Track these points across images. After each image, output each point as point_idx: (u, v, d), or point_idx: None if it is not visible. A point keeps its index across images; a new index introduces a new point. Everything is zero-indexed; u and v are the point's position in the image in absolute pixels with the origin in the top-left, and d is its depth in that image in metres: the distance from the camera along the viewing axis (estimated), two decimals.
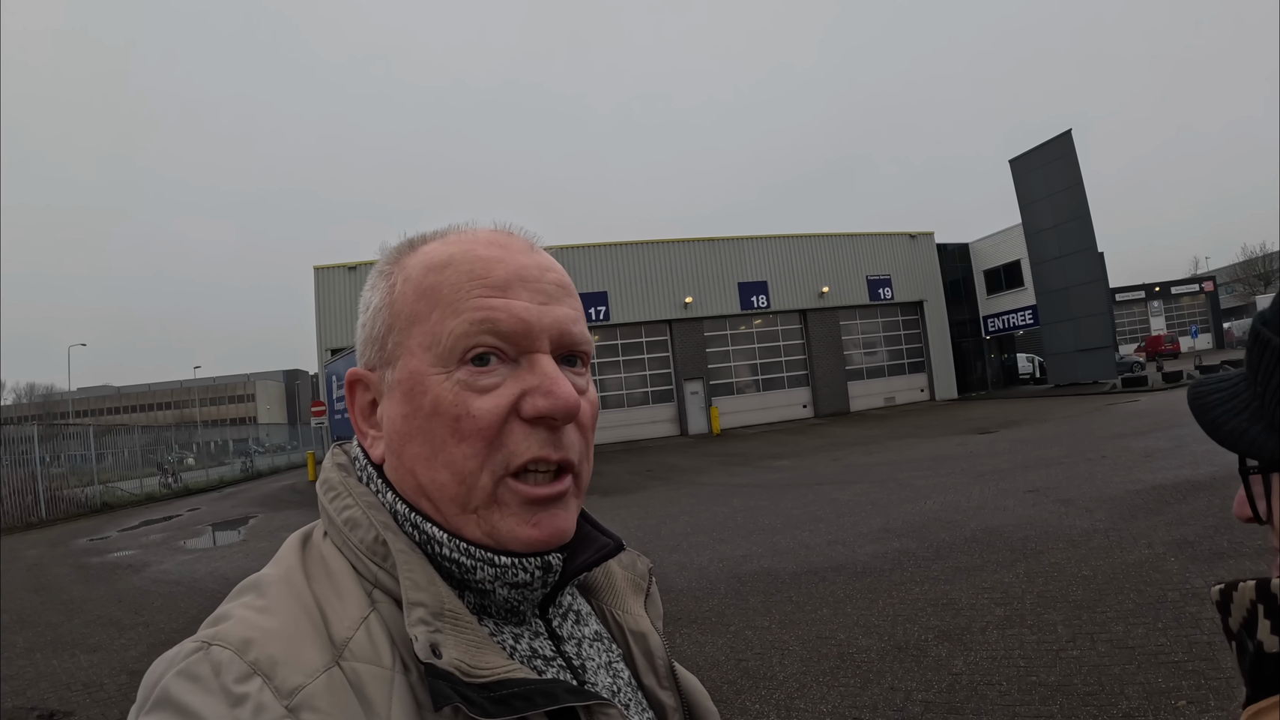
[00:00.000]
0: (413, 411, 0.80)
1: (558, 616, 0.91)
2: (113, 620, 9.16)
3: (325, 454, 0.95)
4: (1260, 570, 5.59)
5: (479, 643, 0.73)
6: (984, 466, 14.67)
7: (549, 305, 0.82)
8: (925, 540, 9.10)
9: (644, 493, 16.76)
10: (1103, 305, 35.63)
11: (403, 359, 0.81)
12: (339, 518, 0.82)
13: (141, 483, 31.12)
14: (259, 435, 63.36)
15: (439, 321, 0.79)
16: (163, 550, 15.08)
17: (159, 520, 21.39)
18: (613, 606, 1.01)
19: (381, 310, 0.85)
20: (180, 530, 18.58)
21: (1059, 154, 35.27)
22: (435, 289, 0.81)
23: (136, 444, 32.93)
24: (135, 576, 12.12)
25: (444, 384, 0.78)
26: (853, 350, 40.25)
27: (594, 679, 0.87)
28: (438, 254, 0.84)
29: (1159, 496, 9.84)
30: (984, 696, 4.81)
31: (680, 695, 0.99)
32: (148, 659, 6.94)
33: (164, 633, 8.36)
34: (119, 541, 17.37)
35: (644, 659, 0.98)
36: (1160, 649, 5.17)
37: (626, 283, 35.53)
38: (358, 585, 0.77)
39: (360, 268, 32.98)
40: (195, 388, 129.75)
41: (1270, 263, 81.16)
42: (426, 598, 0.73)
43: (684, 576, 8.67)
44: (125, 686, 6.64)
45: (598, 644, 0.93)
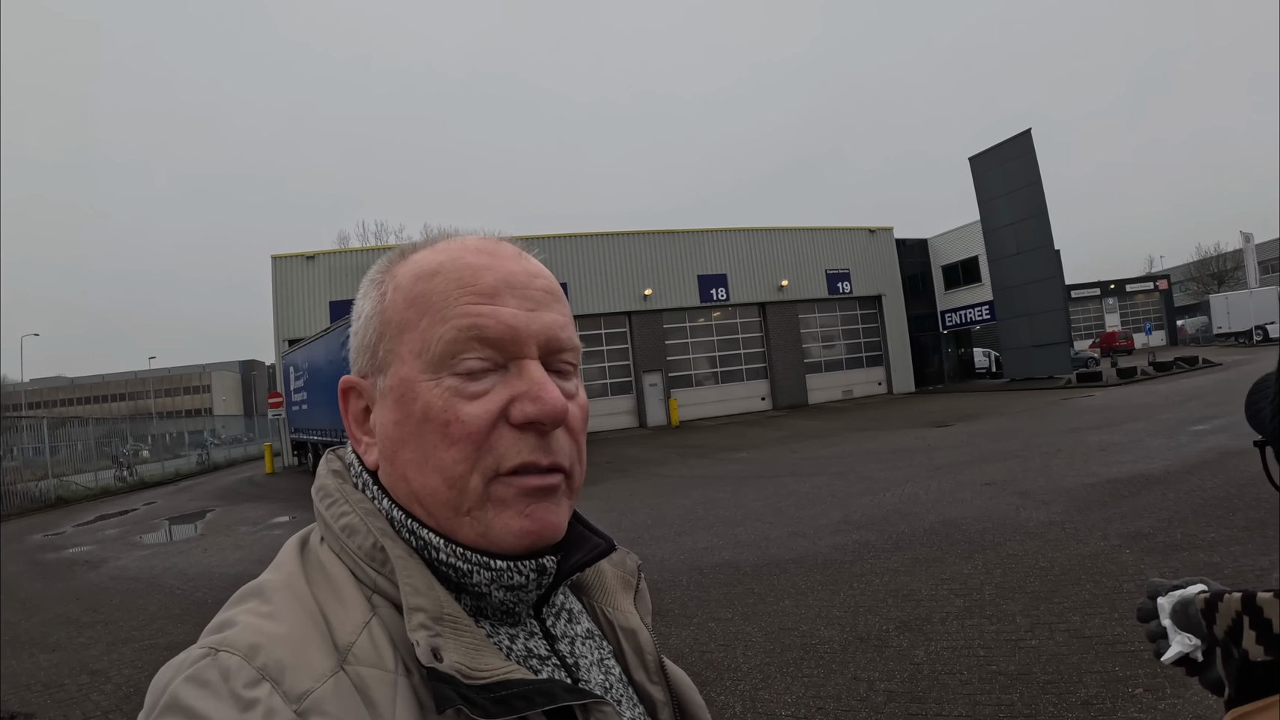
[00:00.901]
0: (404, 418, 0.80)
1: (551, 616, 0.92)
2: (71, 618, 8.99)
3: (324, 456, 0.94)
4: (1213, 562, 5.72)
5: (478, 645, 0.74)
6: (942, 459, 14.82)
7: (537, 311, 0.83)
8: (885, 532, 9.17)
9: (604, 485, 16.75)
10: (1059, 301, 36.05)
11: (394, 366, 0.82)
12: (336, 524, 0.82)
13: (96, 476, 30.40)
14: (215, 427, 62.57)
15: (428, 328, 0.80)
16: (120, 546, 14.82)
17: (115, 515, 21.02)
18: (603, 604, 1.02)
19: (373, 318, 0.86)
20: (137, 525, 18.27)
21: (1018, 153, 35.61)
22: (424, 297, 0.82)
23: (91, 436, 32.28)
24: (93, 573, 11.94)
25: (433, 390, 0.79)
26: (811, 343, 40.46)
27: (587, 676, 0.88)
28: (426, 262, 0.85)
29: (1114, 490, 9.99)
30: (945, 686, 4.85)
31: (670, 689, 1.00)
32: (108, 657, 6.85)
33: (124, 630, 8.23)
34: (75, 537, 17.08)
35: (634, 655, 0.99)
36: (1117, 638, 5.25)
37: (586, 274, 35.41)
38: (358, 590, 0.77)
39: (319, 257, 32.66)
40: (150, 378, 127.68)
41: (1224, 262, 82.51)
42: (426, 602, 0.74)
43: (646, 569, 8.58)
44: (86, 686, 6.51)
45: (590, 641, 0.94)
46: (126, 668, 6.89)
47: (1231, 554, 6.74)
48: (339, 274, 32.32)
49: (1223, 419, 15.58)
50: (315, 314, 31.48)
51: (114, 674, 6.76)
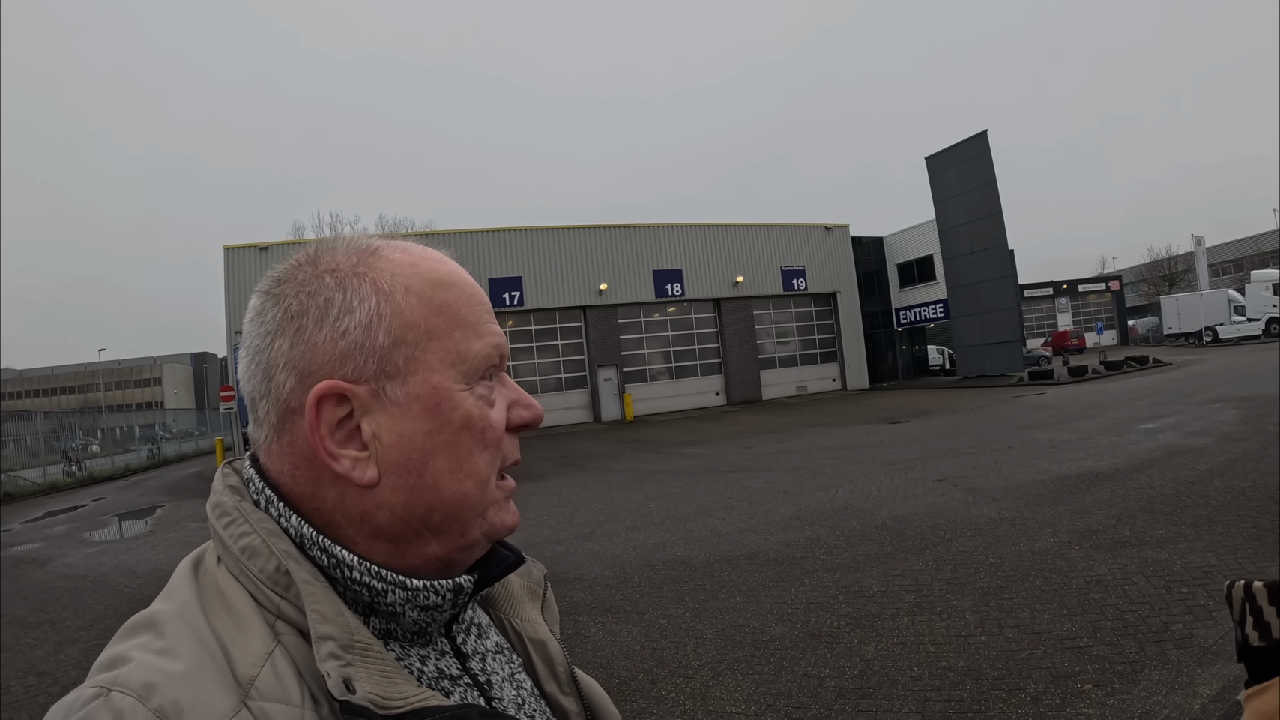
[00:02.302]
0: (439, 426, 0.79)
1: (461, 632, 0.90)
2: (17, 618, 8.78)
3: (219, 471, 0.87)
4: (1161, 559, 5.77)
5: (390, 673, 0.71)
6: (894, 455, 14.90)
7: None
8: (836, 528, 9.18)
9: (556, 479, 16.69)
10: (1011, 300, 36.47)
11: (421, 374, 0.79)
12: (235, 545, 0.76)
13: (45, 471, 29.80)
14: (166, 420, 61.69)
15: (463, 340, 0.81)
16: (68, 543, 14.57)
17: (63, 511, 20.73)
18: (511, 616, 1.01)
19: (384, 318, 0.78)
20: (86, 521, 18.00)
21: (974, 153, 35.97)
22: (450, 307, 0.81)
23: (39, 430, 31.67)
24: (40, 571, 11.70)
25: (469, 399, 0.81)
26: (766, 339, 40.55)
27: (500, 693, 0.87)
28: (435, 270, 0.83)
29: (1063, 486, 10.08)
30: (895, 682, 4.85)
31: (582, 700, 1.00)
32: (55, 659, 6.71)
33: (70, 631, 8.05)
34: (22, 534, 16.76)
35: (545, 667, 0.98)
36: (1066, 634, 5.28)
37: (541, 268, 35.22)
38: (259, 617, 0.73)
39: (272, 248, 32.19)
40: (100, 371, 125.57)
41: (1174, 264, 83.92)
42: (335, 630, 0.70)
43: (597, 565, 8.63)
44: (33, 688, 6.36)
45: (500, 656, 0.93)
46: (74, 669, 6.73)
47: (1179, 550, 6.81)
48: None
49: (1172, 418, 15.84)
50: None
51: (61, 675, 6.61)
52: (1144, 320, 73.89)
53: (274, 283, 0.82)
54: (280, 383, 0.78)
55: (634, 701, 5.02)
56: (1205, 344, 53.09)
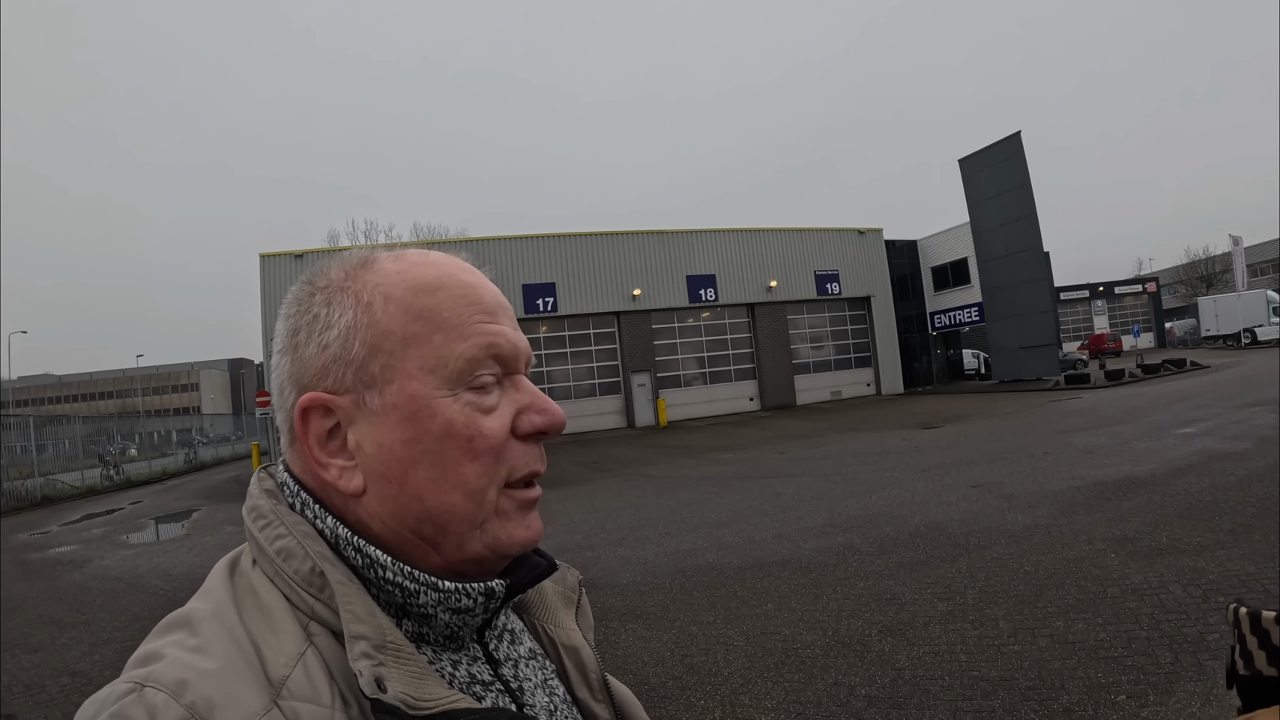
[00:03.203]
0: (417, 435, 0.78)
1: (494, 639, 0.90)
2: (54, 619, 8.91)
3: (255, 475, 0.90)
4: (1198, 567, 5.70)
5: (421, 674, 0.71)
6: (928, 461, 14.80)
7: (518, 330, 0.86)
8: (870, 535, 9.14)
9: (590, 485, 16.71)
10: (1047, 303, 36.10)
11: (398, 382, 0.79)
12: (271, 547, 0.78)
13: (83, 474, 30.25)
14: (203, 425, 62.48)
15: (444, 345, 0.79)
16: (104, 545, 14.73)
17: (101, 514, 20.94)
18: (544, 622, 1.01)
19: (358, 329, 0.80)
20: (122, 524, 18.18)
21: (1008, 154, 35.65)
22: (433, 311, 0.80)
23: (78, 434, 32.17)
24: (76, 573, 11.85)
25: (453, 406, 0.78)
26: (800, 344, 40.45)
27: (532, 699, 0.87)
28: (421, 276, 0.83)
29: (1099, 493, 9.98)
30: (927, 691, 4.82)
31: (614, 707, 0.99)
32: (90, 659, 6.82)
33: (105, 631, 8.16)
34: (60, 536, 16.97)
35: (577, 673, 0.98)
36: (1100, 644, 5.22)
37: (575, 274, 35.35)
38: (292, 618, 0.74)
39: (307, 256, 32.47)
40: (138, 376, 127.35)
41: (1212, 265, 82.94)
42: (368, 630, 0.71)
43: (629, 571, 8.64)
44: (67, 688, 6.44)
45: (532, 662, 0.93)
46: (108, 669, 6.77)
47: (1217, 559, 6.71)
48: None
49: (1210, 422, 15.62)
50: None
51: (95, 675, 6.69)
52: (1181, 322, 73.03)
53: (286, 304, 0.87)
54: (286, 397, 0.83)
55: (664, 708, 5.02)
56: (1244, 346, 52.41)
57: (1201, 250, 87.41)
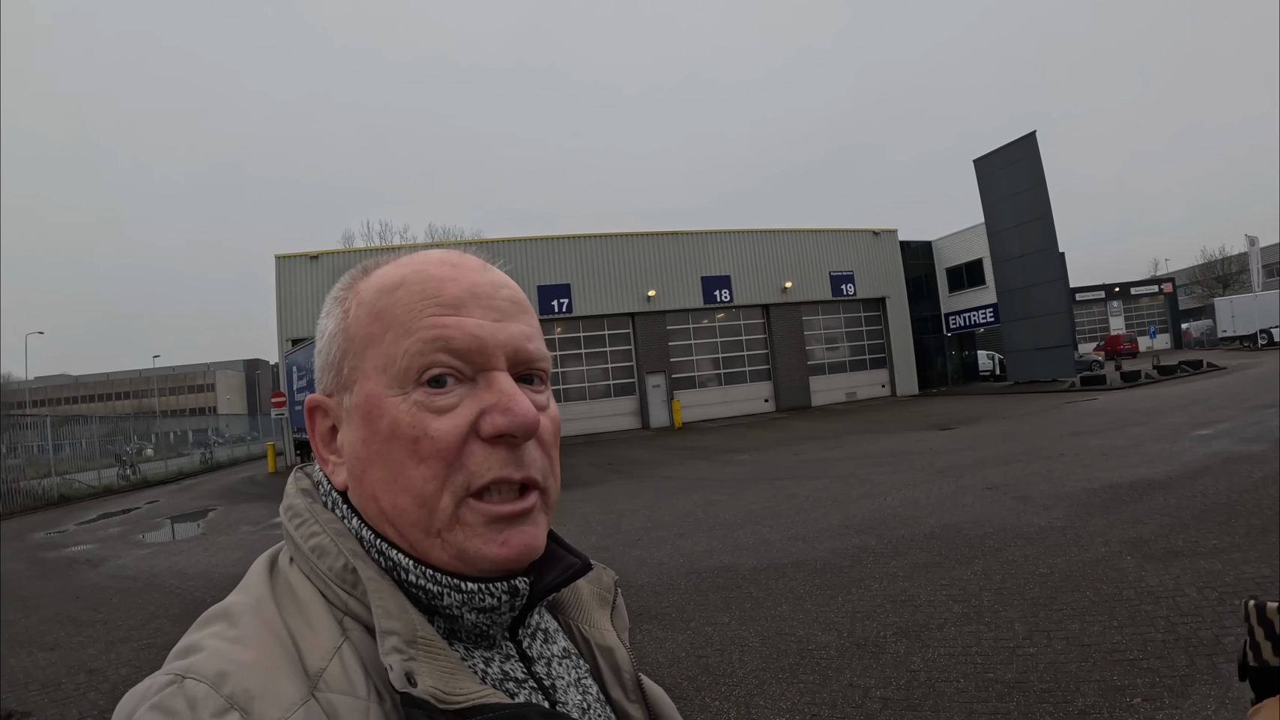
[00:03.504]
0: (370, 435, 0.79)
1: (527, 636, 0.90)
2: (70, 617, 8.97)
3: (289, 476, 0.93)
4: (1214, 569, 5.68)
5: (452, 669, 0.72)
6: (943, 463, 14.77)
7: (503, 322, 0.82)
8: (884, 537, 9.13)
9: (604, 486, 16.72)
10: (1063, 304, 35.97)
11: (359, 383, 0.80)
12: (306, 545, 0.80)
13: (99, 474, 30.44)
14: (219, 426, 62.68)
15: (393, 342, 0.78)
16: (121, 544, 14.80)
17: (117, 513, 21.03)
18: (579, 621, 1.01)
19: (336, 336, 0.85)
20: (139, 523, 18.26)
21: (1023, 155, 35.53)
22: (388, 310, 0.80)
23: (94, 434, 32.25)
24: (93, 572, 11.91)
25: (400, 405, 0.77)
26: (815, 345, 40.41)
27: (564, 698, 0.87)
28: (390, 276, 0.84)
29: (1115, 495, 9.95)
30: (941, 693, 4.82)
31: (648, 707, 0.99)
32: (106, 656, 6.84)
33: (122, 630, 8.21)
34: (76, 535, 17.06)
35: (611, 673, 0.97)
36: (1116, 646, 5.21)
37: (589, 275, 35.44)
38: (328, 614, 0.76)
39: (322, 257, 32.66)
40: (154, 377, 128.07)
41: (1228, 265, 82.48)
42: (399, 625, 0.72)
43: (644, 572, 8.65)
44: (83, 685, 6.48)
45: (566, 661, 0.93)
46: (124, 667, 6.86)
47: (1233, 561, 6.69)
48: (343, 274, 32.15)
49: (1226, 424, 15.55)
50: (319, 314, 31.30)
51: (111, 673, 6.74)
52: (1198, 323, 72.65)
53: None
54: None
55: (679, 709, 5.02)
56: (1260, 347, 52.14)
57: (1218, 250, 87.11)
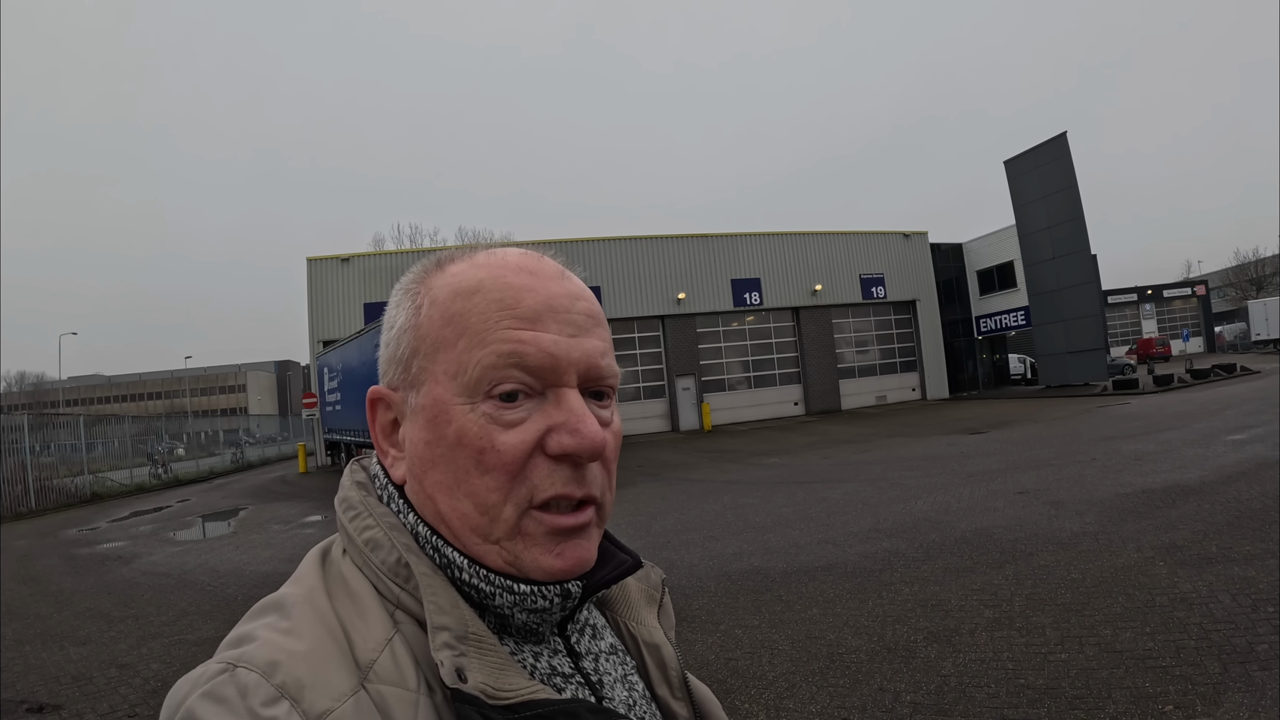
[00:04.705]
0: (435, 439, 0.79)
1: (575, 633, 0.91)
2: (102, 613, 9.08)
3: (345, 469, 0.95)
4: (1248, 576, 5.62)
5: (502, 665, 0.73)
6: (974, 467, 14.68)
7: (578, 338, 0.81)
8: (915, 541, 9.10)
9: (634, 489, 16.70)
10: (1095, 307, 35.68)
11: (427, 384, 0.81)
12: (360, 538, 0.82)
13: (131, 473, 30.73)
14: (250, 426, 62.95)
15: (465, 351, 0.78)
16: (152, 542, 14.94)
17: (149, 511, 21.19)
18: (627, 619, 1.02)
19: (407, 331, 0.84)
20: (170, 521, 18.41)
21: (1054, 156, 35.30)
22: (463, 316, 0.80)
23: (127, 434, 32.45)
24: (125, 568, 12.03)
25: (469, 415, 0.77)
26: (845, 348, 40.25)
27: (611, 694, 0.88)
28: (466, 278, 0.83)
29: (1148, 500, 9.86)
30: (972, 699, 4.81)
31: (693, 705, 0.99)
32: (137, 652, 6.91)
33: (153, 625, 8.30)
34: (108, 532, 17.20)
35: (657, 670, 0.98)
36: (1148, 653, 5.18)
37: (620, 277, 35.54)
38: (380, 606, 0.77)
39: (353, 260, 32.93)
40: (186, 377, 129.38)
41: (1262, 268, 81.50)
42: (450, 621, 0.73)
43: (674, 574, 8.63)
44: (114, 680, 6.57)
45: (613, 657, 0.94)
46: (155, 662, 6.95)
47: (1268, 568, 6.62)
48: (373, 276, 32.71)
49: (1260, 428, 15.35)
50: (350, 316, 31.91)
51: (142, 668, 6.82)
52: (1231, 327, 71.83)
53: None
54: None
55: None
56: None
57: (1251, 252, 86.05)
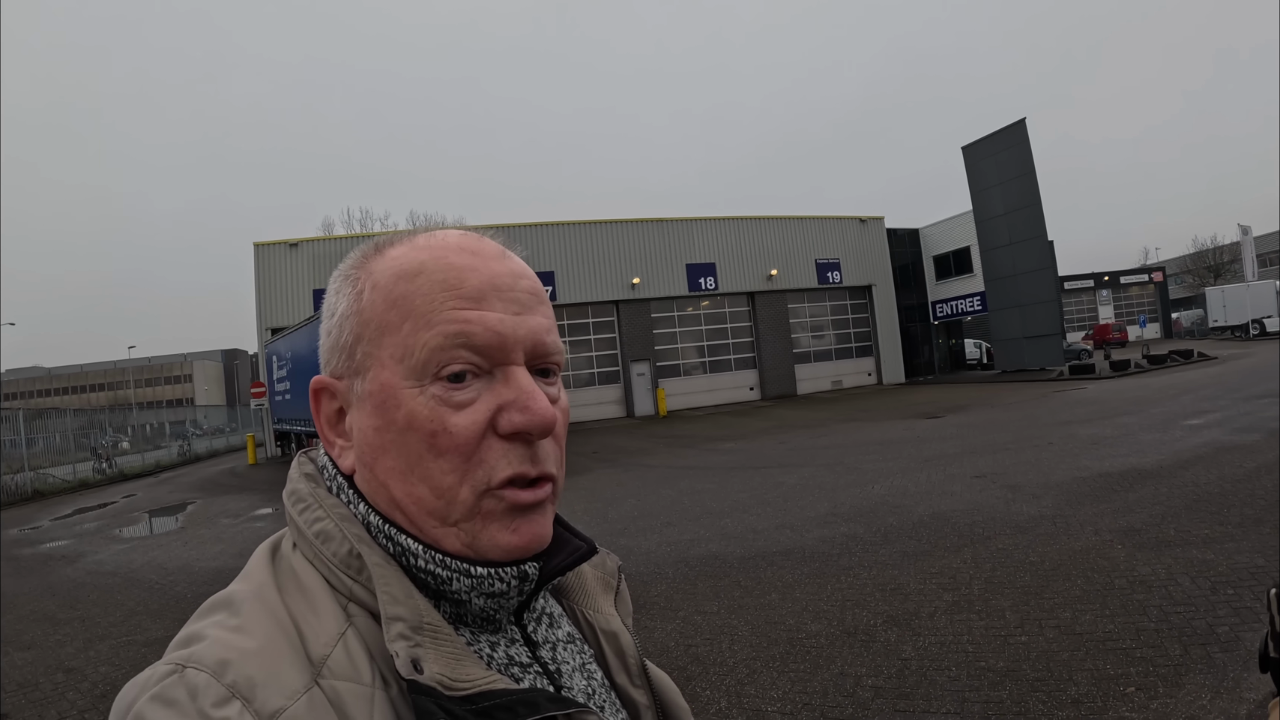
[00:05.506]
0: (385, 425, 0.77)
1: (532, 621, 0.90)
2: (47, 615, 8.86)
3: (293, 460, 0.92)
4: (1207, 559, 5.65)
5: (459, 655, 0.72)
6: (931, 451, 14.77)
7: (523, 315, 0.81)
8: (873, 525, 9.11)
9: (590, 475, 16.66)
10: (1051, 293, 36.07)
11: (373, 370, 0.79)
12: (310, 530, 0.79)
13: (74, 468, 30.17)
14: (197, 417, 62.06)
15: (411, 333, 0.77)
16: (98, 540, 14.66)
17: (93, 508, 20.85)
18: (583, 606, 1.00)
19: (349, 318, 0.82)
20: (115, 518, 18.11)
21: (1012, 142, 35.57)
22: (406, 298, 0.78)
23: (69, 428, 31.82)
24: (69, 568, 11.77)
25: (418, 398, 0.76)
26: (800, 333, 40.46)
27: (570, 683, 0.87)
28: (408, 261, 0.81)
29: (1105, 484, 9.95)
30: (933, 682, 4.80)
31: (652, 693, 0.99)
32: (84, 655, 6.74)
33: (100, 627, 8.11)
34: (52, 531, 16.91)
35: (616, 658, 0.97)
36: (1108, 635, 5.20)
37: (575, 262, 35.38)
38: (332, 600, 0.75)
39: (302, 245, 32.49)
40: (130, 368, 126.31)
41: (1220, 255, 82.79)
42: (405, 611, 0.72)
43: (631, 561, 8.60)
44: (61, 685, 6.39)
45: (571, 646, 0.93)
46: (103, 665, 6.78)
47: (1225, 551, 6.68)
48: (322, 262, 32.20)
49: (1218, 413, 15.59)
50: (299, 302, 31.46)
51: (90, 672, 6.65)
52: (1188, 313, 72.88)
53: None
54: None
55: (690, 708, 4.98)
56: (1252, 337, 52.27)
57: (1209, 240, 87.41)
